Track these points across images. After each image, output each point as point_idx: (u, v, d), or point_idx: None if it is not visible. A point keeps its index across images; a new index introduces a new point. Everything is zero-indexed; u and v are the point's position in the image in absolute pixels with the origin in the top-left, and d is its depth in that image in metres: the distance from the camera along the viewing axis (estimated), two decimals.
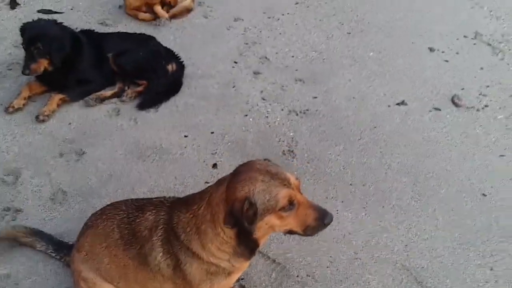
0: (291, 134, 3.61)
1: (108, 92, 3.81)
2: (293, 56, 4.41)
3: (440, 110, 3.93)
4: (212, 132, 3.57)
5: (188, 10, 4.80)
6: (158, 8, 4.65)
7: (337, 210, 3.02)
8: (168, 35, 4.51)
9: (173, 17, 4.73)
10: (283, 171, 1.73)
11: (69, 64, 3.67)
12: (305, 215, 1.73)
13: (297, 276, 2.60)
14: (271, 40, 4.57)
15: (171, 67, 3.95)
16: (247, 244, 1.80)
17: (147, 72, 3.88)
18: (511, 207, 3.11)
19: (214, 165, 3.30)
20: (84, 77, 3.80)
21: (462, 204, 3.12)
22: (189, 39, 4.49)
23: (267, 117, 3.75)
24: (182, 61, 4.07)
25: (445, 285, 2.61)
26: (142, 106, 3.73)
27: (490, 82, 4.27)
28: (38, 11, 4.61)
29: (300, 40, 4.62)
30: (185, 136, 3.52)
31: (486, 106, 4.00)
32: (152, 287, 2.05)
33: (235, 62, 4.26)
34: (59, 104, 3.64)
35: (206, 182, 3.14)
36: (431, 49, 4.64)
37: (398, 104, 3.96)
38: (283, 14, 4.92)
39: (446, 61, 4.50)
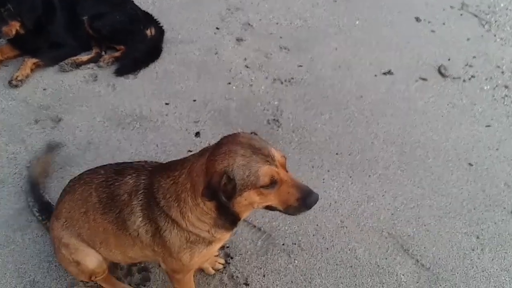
0: (276, 103, 3.51)
1: (84, 57, 3.62)
2: (277, 23, 4.27)
3: (426, 80, 3.87)
4: (194, 100, 3.44)
5: None
6: None
7: (323, 179, 2.96)
8: None
9: None
10: (267, 146, 1.61)
11: (41, 26, 3.47)
12: (288, 193, 1.61)
13: (283, 244, 2.54)
14: (255, 6, 4.41)
15: (149, 31, 3.77)
16: (227, 217, 1.70)
17: (125, 37, 3.71)
18: (496, 177, 3.10)
19: (197, 134, 3.18)
20: (57, 41, 3.60)
21: (449, 174, 3.08)
22: (169, 2, 4.30)
23: (251, 85, 3.62)
24: (162, 26, 3.90)
25: (431, 253, 2.58)
26: (120, 72, 3.56)
27: (476, 53, 4.23)
28: None
29: (284, 7, 4.47)
30: (166, 104, 3.38)
31: (472, 76, 3.97)
32: (132, 253, 1.97)
33: (217, 28, 4.09)
34: (33, 68, 3.45)
35: (189, 151, 3.03)
36: (417, 19, 4.56)
37: (384, 73, 3.89)
38: None
39: (433, 31, 4.43)
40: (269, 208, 1.69)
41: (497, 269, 2.55)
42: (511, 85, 3.93)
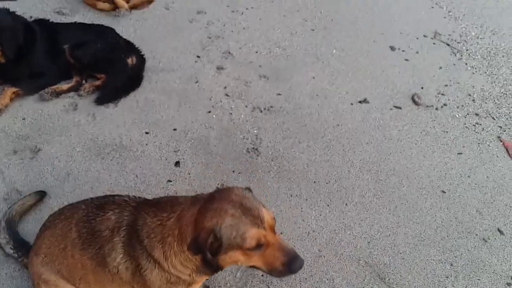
0: (255, 131, 3.57)
1: (64, 85, 3.63)
2: (257, 52, 4.36)
3: (400, 108, 4.00)
4: (175, 129, 3.47)
5: (149, 1, 4.68)
6: None
7: (302, 208, 3.01)
8: (127, 26, 4.36)
9: (133, 7, 4.59)
10: (259, 206, 1.62)
11: (22, 55, 3.48)
12: (273, 257, 1.63)
13: (262, 275, 2.57)
14: (235, 35, 4.51)
15: (131, 60, 3.81)
16: (211, 266, 1.72)
17: (106, 65, 3.73)
18: (468, 204, 3.21)
19: (177, 163, 3.21)
20: (38, 70, 3.60)
21: (423, 201, 3.18)
22: (150, 31, 4.36)
23: (231, 113, 3.69)
24: (143, 54, 3.95)
25: (407, 281, 2.65)
26: (100, 101, 3.58)
27: (448, 82, 4.39)
28: None
29: (263, 35, 4.58)
30: (146, 133, 3.41)
31: (445, 105, 4.11)
32: None
33: (198, 57, 4.16)
34: (12, 98, 3.44)
35: (169, 181, 3.06)
36: (392, 48, 4.72)
37: (360, 102, 4.00)
38: (247, 8, 4.87)
39: (407, 60, 4.59)
40: (253, 267, 1.70)
41: None
42: (482, 113, 4.08)
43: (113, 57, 3.78)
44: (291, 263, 1.62)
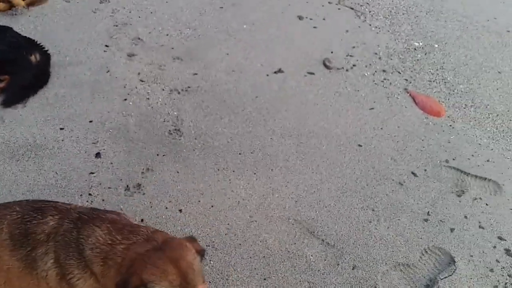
0: (175, 113, 3.56)
1: None
2: (167, 35, 4.32)
3: (314, 74, 4.16)
4: (91, 121, 3.38)
5: None
6: None
7: (230, 180, 3.08)
8: (27, 24, 4.14)
9: (31, 4, 4.37)
10: (199, 282, 1.57)
11: None
12: None
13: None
14: (143, 20, 4.43)
15: (34, 57, 3.63)
16: None
17: (8, 66, 3.53)
18: (383, 153, 3.43)
19: (97, 155, 3.14)
20: None
21: (342, 157, 3.36)
22: (52, 26, 4.17)
23: (148, 98, 3.65)
24: (47, 50, 3.78)
25: (334, 231, 2.81)
26: (7, 103, 3.40)
27: (355, 43, 4.62)
28: None
29: (172, 18, 4.54)
30: (61, 129, 3.29)
31: (354, 65, 4.33)
32: None
33: (106, 46, 4.05)
34: None
35: (91, 173, 2.99)
36: (300, 17, 4.87)
37: (275, 72, 4.11)
38: None
39: (315, 27, 4.76)
40: None
41: (392, 235, 2.84)
42: (388, 69, 4.35)
43: (15, 57, 3.59)
44: None
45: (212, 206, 2.89)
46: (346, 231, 2.82)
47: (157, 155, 3.20)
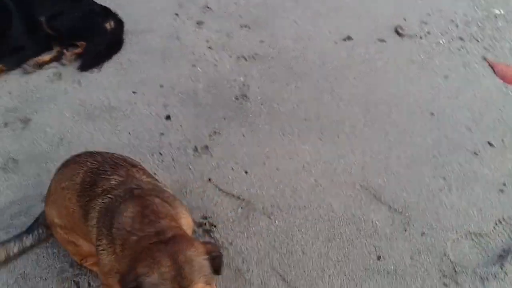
0: (242, 79, 3.59)
1: (46, 56, 3.62)
2: (235, 3, 4.33)
3: (385, 41, 3.99)
4: (161, 86, 3.49)
5: None
6: None
7: (295, 145, 3.06)
8: None
9: None
10: (195, 280, 1.43)
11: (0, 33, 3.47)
12: None
13: (263, 208, 2.64)
14: None
15: (109, 24, 3.79)
16: None
17: (84, 32, 3.72)
18: (457, 122, 3.25)
19: (168, 117, 3.24)
20: (18, 44, 3.58)
21: (412, 125, 3.22)
22: None
23: (215, 65, 3.69)
24: (120, 18, 3.92)
25: (402, 198, 2.72)
26: (84, 67, 3.58)
27: (430, 11, 4.37)
28: None
29: None
30: (134, 92, 3.42)
31: (428, 33, 4.10)
32: (87, 246, 1.98)
33: (176, 14, 4.14)
34: None
35: (162, 134, 3.10)
36: None
37: (344, 39, 4.00)
38: None
39: None
40: None
41: (464, 205, 2.70)
42: (466, 37, 4.08)
43: (91, 24, 3.76)
44: None
45: (277, 169, 2.89)
46: (415, 199, 2.72)
47: (224, 119, 3.24)
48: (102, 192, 1.81)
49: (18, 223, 2.52)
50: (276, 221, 2.58)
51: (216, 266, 1.53)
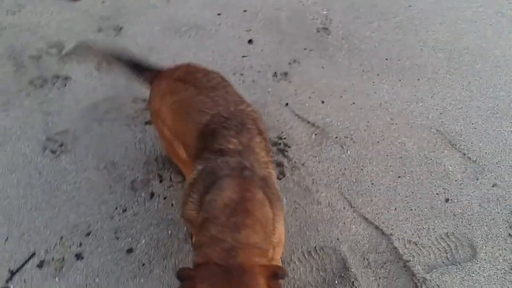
0: (325, 12, 3.56)
1: None
2: None
3: None
4: (245, 11, 3.53)
5: None
6: None
7: (373, 82, 3.07)
8: None
9: None
10: None
11: None
12: None
13: (336, 137, 2.72)
14: None
15: None
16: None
17: None
18: None
19: (250, 41, 3.31)
20: None
21: (497, 78, 3.14)
22: None
23: None
24: None
25: (478, 148, 2.71)
26: None
27: None
28: None
29: None
30: (218, 14, 3.49)
31: None
32: (184, 156, 1.93)
33: None
34: None
35: (244, 56, 3.18)
36: None
37: None
38: None
39: None
40: None
41: None
42: None
43: None
44: None
45: (353, 103, 2.94)
46: (491, 150, 2.71)
47: (305, 49, 3.27)
48: (216, 152, 1.68)
49: (109, 118, 2.74)
50: (348, 151, 2.67)
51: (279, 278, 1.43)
